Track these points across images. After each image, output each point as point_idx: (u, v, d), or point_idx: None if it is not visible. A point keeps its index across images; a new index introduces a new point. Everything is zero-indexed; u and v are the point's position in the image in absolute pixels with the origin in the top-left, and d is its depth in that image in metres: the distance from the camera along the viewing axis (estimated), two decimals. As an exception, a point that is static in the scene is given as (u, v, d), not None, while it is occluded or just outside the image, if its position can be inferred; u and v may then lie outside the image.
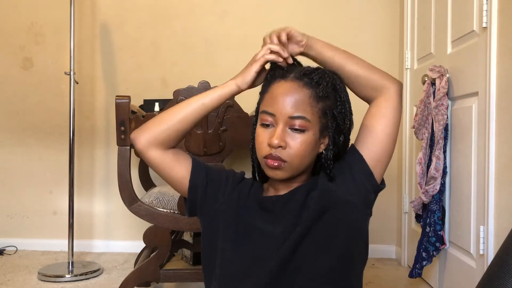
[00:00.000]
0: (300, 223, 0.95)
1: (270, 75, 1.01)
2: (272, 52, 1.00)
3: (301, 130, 0.94)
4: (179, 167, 1.04)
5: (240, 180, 1.09)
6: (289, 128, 0.94)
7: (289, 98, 0.93)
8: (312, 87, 0.95)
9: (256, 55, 1.01)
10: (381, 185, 1.03)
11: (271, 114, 0.95)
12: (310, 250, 0.95)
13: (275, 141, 0.93)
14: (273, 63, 1.02)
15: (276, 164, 0.94)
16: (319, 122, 0.96)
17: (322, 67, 1.01)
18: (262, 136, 0.96)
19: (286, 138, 0.94)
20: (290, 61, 1.01)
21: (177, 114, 1.03)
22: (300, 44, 1.03)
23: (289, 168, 0.96)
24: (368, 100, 1.05)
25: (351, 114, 1.01)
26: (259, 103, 1.02)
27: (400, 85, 1.04)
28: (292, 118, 0.93)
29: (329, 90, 0.96)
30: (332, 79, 0.98)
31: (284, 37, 1.01)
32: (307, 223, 0.95)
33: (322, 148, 1.00)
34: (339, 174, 1.00)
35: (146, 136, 1.02)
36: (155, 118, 1.05)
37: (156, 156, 1.03)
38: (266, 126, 0.96)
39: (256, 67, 1.00)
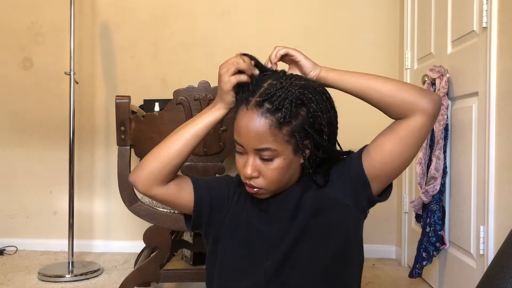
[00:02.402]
0: (295, 223, 0.96)
1: (238, 97, 0.96)
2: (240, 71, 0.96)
3: (270, 159, 0.92)
4: (184, 194, 1.03)
5: (238, 183, 1.08)
6: (259, 157, 0.93)
7: (251, 131, 0.90)
8: (272, 113, 0.89)
9: (222, 75, 0.97)
10: (379, 197, 0.98)
11: (240, 145, 0.94)
12: (305, 249, 0.96)
13: (247, 172, 0.93)
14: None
15: (255, 190, 0.95)
16: (288, 145, 0.91)
17: (287, 83, 0.92)
18: (239, 163, 0.96)
19: (259, 167, 0.93)
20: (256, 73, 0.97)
21: (172, 149, 0.99)
22: (305, 75, 0.99)
23: (267, 192, 0.96)
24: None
25: (329, 122, 0.94)
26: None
27: (431, 112, 0.90)
28: (258, 150, 0.91)
29: (294, 110, 0.89)
30: (299, 94, 0.90)
31: (277, 57, 0.98)
32: (302, 223, 0.96)
33: (302, 160, 0.96)
34: (337, 173, 0.98)
35: (145, 178, 0.99)
36: (150, 156, 1.00)
37: (160, 192, 1.01)
38: (240, 152, 0.96)
39: (228, 88, 0.96)
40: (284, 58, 1.01)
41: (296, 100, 0.90)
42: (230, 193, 1.06)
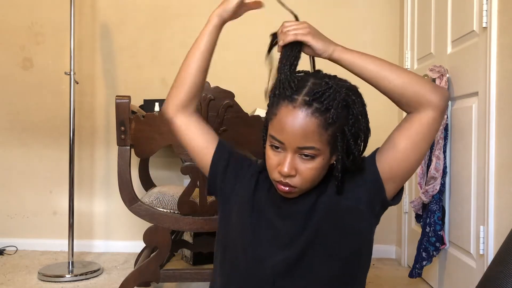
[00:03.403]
0: (307, 228, 0.96)
1: (278, 92, 0.94)
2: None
3: (311, 157, 0.92)
4: (203, 137, 1.09)
5: (260, 170, 1.08)
6: (298, 155, 0.92)
7: (298, 129, 0.89)
8: (321, 114, 0.89)
9: None
10: (392, 201, 0.99)
11: (280, 142, 0.92)
12: (317, 255, 0.96)
13: (285, 170, 0.91)
14: (281, 75, 0.95)
15: (287, 189, 0.94)
16: (329, 146, 0.92)
17: (333, 83, 0.92)
18: (273, 160, 0.95)
19: (296, 165, 0.92)
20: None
21: (187, 68, 1.12)
22: (318, 56, 0.98)
23: (299, 191, 0.96)
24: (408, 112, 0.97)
25: (366, 127, 0.95)
26: (267, 120, 0.98)
27: (441, 107, 0.92)
28: (301, 148, 0.91)
29: (340, 111, 0.90)
30: (345, 95, 0.91)
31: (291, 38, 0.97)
32: (315, 227, 0.96)
33: (333, 160, 0.96)
34: (350, 180, 0.97)
35: (170, 103, 1.11)
36: (173, 84, 1.14)
37: (184, 121, 1.10)
38: (275, 148, 0.94)
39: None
40: None
41: (343, 102, 0.91)
42: (249, 172, 1.07)
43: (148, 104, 2.42)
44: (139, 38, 2.81)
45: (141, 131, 1.64)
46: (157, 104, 2.31)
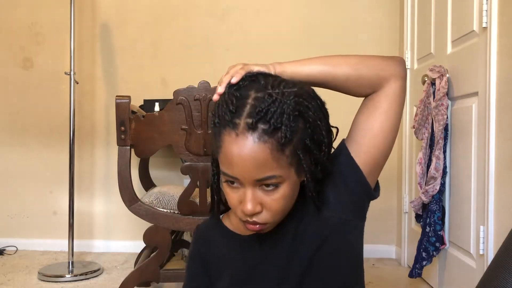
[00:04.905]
0: (297, 257, 0.86)
1: (217, 120, 0.77)
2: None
3: (275, 186, 0.77)
4: None
5: (204, 239, 0.97)
6: (259, 187, 0.77)
7: (248, 161, 0.74)
8: (271, 135, 0.73)
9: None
10: (376, 193, 0.90)
11: (234, 178, 0.77)
12: (314, 284, 0.86)
13: (249, 208, 0.76)
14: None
15: (258, 227, 0.80)
16: (291, 166, 0.77)
17: (277, 95, 0.75)
18: (232, 198, 0.79)
19: (260, 199, 0.77)
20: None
21: None
22: None
23: (272, 225, 0.82)
24: (367, 96, 0.89)
25: (327, 131, 0.82)
26: (213, 151, 0.84)
27: (402, 74, 0.87)
28: (260, 180, 0.75)
29: (293, 124, 0.75)
30: (295, 104, 0.75)
31: (234, 81, 0.79)
32: (306, 259, 0.85)
33: (302, 177, 0.83)
34: (331, 187, 0.86)
35: None
36: None
37: None
38: (231, 183, 0.79)
39: None
40: None
41: (294, 112, 0.75)
42: (212, 260, 0.95)
43: (148, 104, 2.42)
44: (139, 38, 2.81)
45: (141, 131, 1.64)
46: (157, 104, 2.31)
